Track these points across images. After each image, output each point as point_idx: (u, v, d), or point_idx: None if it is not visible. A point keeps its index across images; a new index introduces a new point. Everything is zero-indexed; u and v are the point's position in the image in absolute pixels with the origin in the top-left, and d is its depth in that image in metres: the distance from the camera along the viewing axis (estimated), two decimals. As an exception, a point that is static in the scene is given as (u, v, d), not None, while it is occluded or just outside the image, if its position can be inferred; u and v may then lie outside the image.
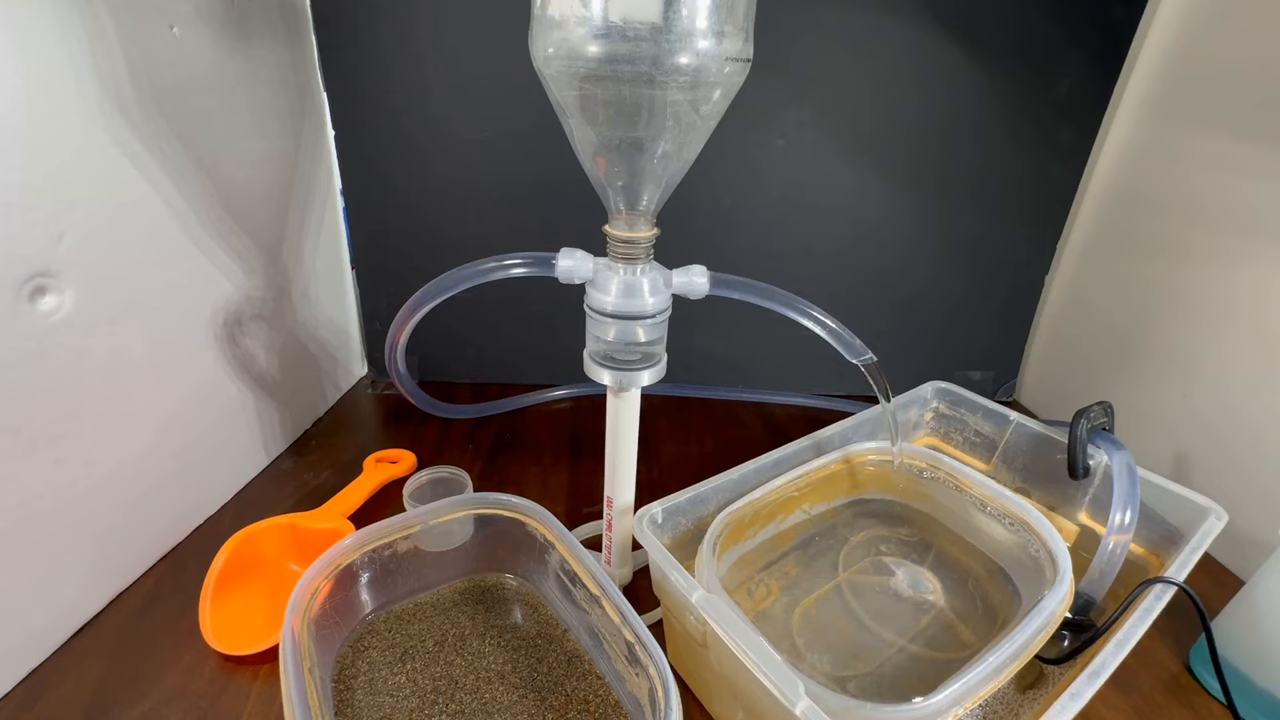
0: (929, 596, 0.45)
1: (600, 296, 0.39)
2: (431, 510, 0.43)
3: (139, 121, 0.44)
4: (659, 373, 0.41)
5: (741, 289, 0.41)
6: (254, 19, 0.54)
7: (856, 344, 0.42)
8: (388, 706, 0.38)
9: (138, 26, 0.43)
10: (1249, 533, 0.51)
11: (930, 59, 0.62)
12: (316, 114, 0.64)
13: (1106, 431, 0.49)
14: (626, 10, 0.31)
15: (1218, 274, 0.55)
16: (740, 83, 0.35)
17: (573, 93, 0.34)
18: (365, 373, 0.78)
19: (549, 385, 0.74)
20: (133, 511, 0.47)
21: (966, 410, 0.57)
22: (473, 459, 0.63)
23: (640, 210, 0.38)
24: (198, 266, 0.51)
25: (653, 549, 0.37)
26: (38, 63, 0.38)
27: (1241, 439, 0.53)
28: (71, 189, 0.40)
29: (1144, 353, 0.62)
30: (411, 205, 0.67)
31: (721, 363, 0.75)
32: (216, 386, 0.54)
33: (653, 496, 0.41)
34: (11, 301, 0.37)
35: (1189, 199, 0.58)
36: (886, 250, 0.70)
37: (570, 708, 0.38)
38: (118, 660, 0.42)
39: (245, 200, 0.54)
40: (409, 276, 0.45)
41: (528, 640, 0.43)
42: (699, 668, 0.40)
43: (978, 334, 0.75)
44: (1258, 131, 0.52)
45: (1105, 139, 0.66)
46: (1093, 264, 0.69)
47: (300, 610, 0.36)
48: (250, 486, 0.58)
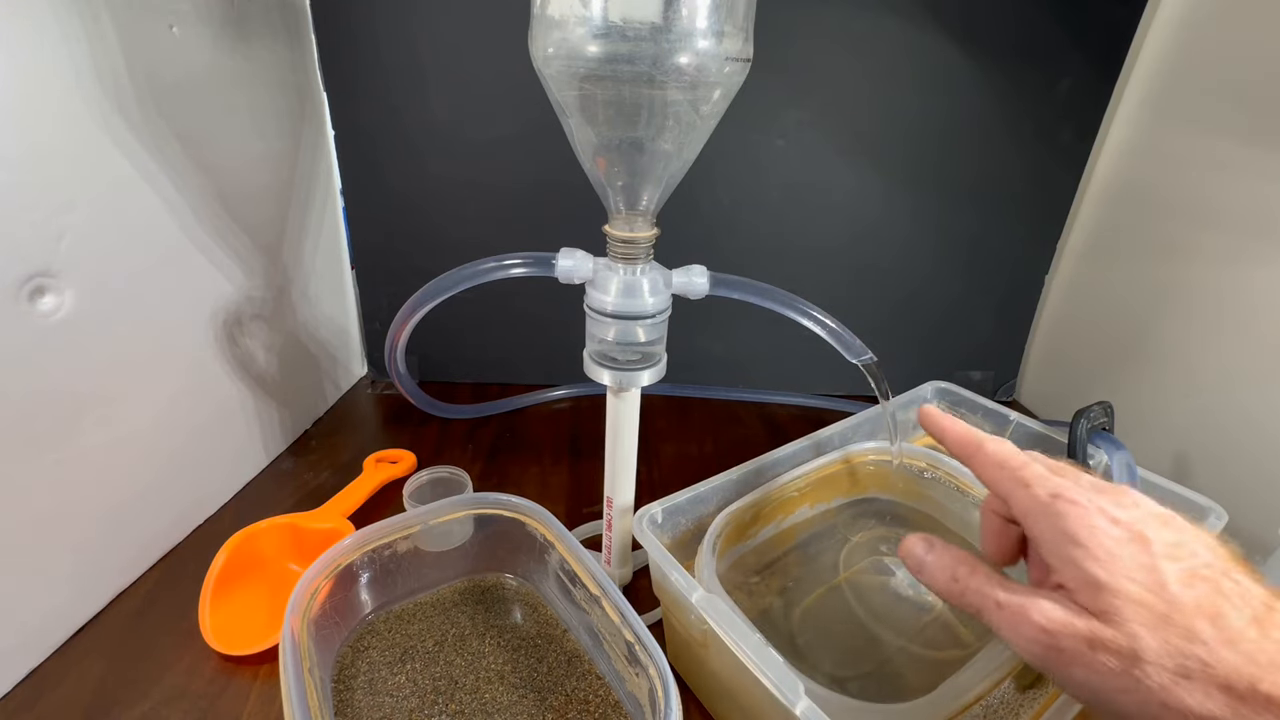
0: (929, 597, 0.45)
1: (600, 296, 0.39)
2: (431, 510, 0.43)
3: (138, 121, 0.44)
4: (659, 373, 0.41)
5: (741, 289, 0.41)
6: (254, 19, 0.54)
7: (856, 344, 0.42)
8: (388, 706, 0.38)
9: (138, 26, 0.43)
10: (1249, 533, 0.51)
11: (930, 59, 0.62)
12: (316, 114, 0.63)
13: (1106, 431, 0.49)
14: (626, 10, 0.31)
15: (1218, 274, 0.55)
16: (740, 83, 0.35)
17: (572, 93, 0.34)
18: (365, 373, 0.78)
19: (549, 385, 0.74)
20: (132, 511, 0.47)
21: (966, 410, 0.57)
22: (473, 459, 0.63)
23: (640, 210, 0.38)
24: (197, 266, 0.51)
25: (653, 549, 0.37)
26: (37, 62, 0.38)
27: (1241, 439, 0.53)
28: (71, 189, 0.40)
29: (1144, 353, 0.62)
30: (411, 205, 0.67)
31: (721, 363, 0.75)
32: (216, 386, 0.54)
33: (653, 496, 0.41)
34: (11, 301, 0.37)
35: (1189, 199, 0.58)
36: (886, 250, 0.70)
37: (570, 708, 0.38)
38: (118, 660, 0.42)
39: (245, 200, 0.54)
40: (409, 276, 0.45)
41: (528, 640, 0.43)
42: (699, 668, 0.40)
43: (977, 334, 0.75)
44: (1258, 131, 0.52)
45: (1105, 139, 0.66)
46: (1093, 264, 0.69)
47: (300, 610, 0.36)
48: (250, 486, 0.58)
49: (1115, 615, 0.23)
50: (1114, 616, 0.23)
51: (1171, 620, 0.22)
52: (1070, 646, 0.23)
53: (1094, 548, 0.24)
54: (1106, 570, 0.23)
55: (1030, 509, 0.27)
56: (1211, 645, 0.21)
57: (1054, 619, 0.24)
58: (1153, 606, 0.22)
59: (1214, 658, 0.21)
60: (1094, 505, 0.25)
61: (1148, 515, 0.25)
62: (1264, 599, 0.23)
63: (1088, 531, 0.24)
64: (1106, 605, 0.23)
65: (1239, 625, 0.22)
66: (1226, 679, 0.21)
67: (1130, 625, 0.22)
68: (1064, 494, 0.26)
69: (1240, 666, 0.21)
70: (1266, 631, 0.22)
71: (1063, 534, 0.25)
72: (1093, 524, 0.24)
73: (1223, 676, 0.21)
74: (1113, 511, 0.25)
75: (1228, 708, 0.21)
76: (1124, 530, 0.24)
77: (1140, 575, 0.23)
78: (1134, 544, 0.24)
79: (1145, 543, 0.24)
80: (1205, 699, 0.21)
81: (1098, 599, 0.23)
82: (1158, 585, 0.23)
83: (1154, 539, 0.24)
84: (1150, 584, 0.23)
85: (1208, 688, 0.21)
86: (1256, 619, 0.22)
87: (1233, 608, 0.22)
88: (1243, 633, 0.22)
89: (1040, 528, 0.26)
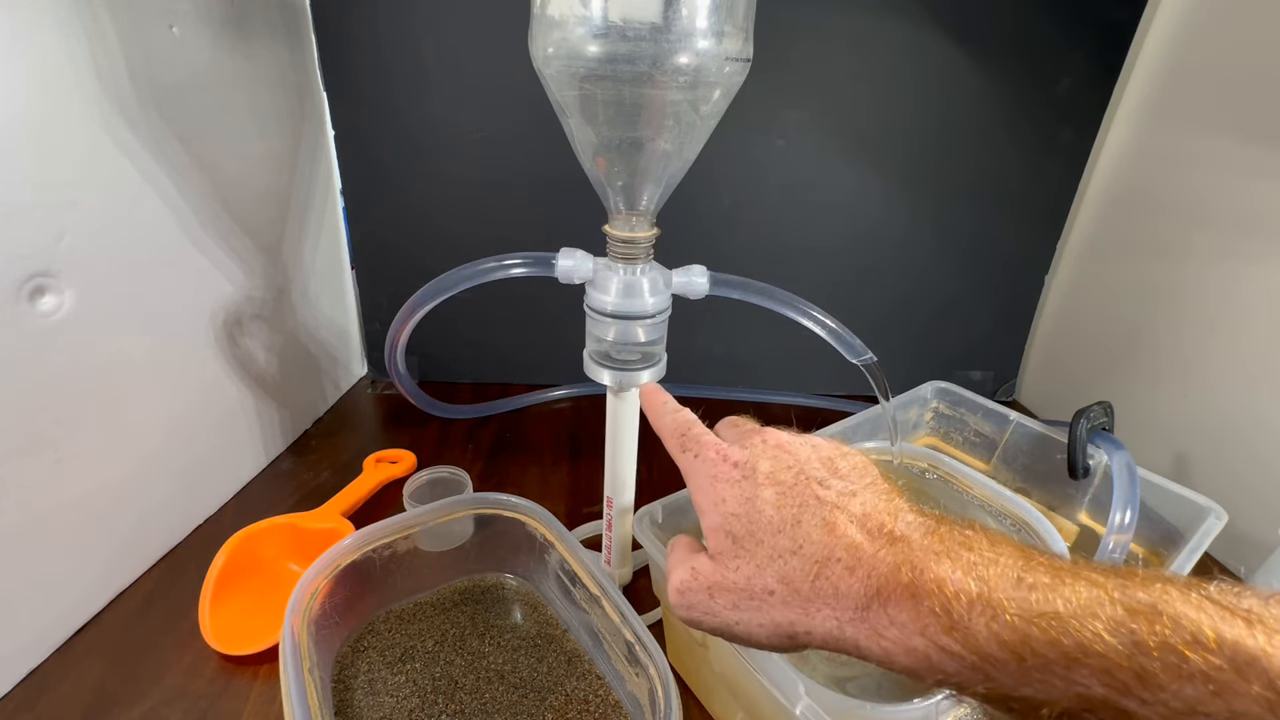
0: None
1: (600, 296, 0.39)
2: (431, 510, 0.43)
3: (139, 121, 0.44)
4: (659, 373, 0.41)
5: (741, 289, 0.41)
6: (254, 19, 0.54)
7: (856, 344, 0.42)
8: (388, 706, 0.38)
9: (138, 26, 0.43)
10: (1249, 533, 0.51)
11: (930, 59, 0.62)
12: (316, 114, 0.63)
13: (1106, 431, 0.49)
14: (626, 10, 0.31)
15: (1218, 274, 0.55)
16: (740, 83, 0.35)
17: (572, 92, 0.34)
18: (365, 373, 0.78)
19: (549, 385, 0.74)
20: (132, 511, 0.47)
21: (966, 410, 0.57)
22: (473, 459, 0.63)
23: (640, 210, 0.38)
24: (198, 266, 0.51)
25: (653, 549, 0.37)
26: (38, 63, 0.38)
27: (1241, 439, 0.53)
28: (71, 189, 0.40)
29: (1144, 353, 0.62)
30: (411, 205, 0.67)
31: (721, 363, 0.75)
32: (216, 386, 0.54)
33: (653, 496, 0.41)
34: (11, 301, 0.37)
35: (1189, 199, 0.58)
36: (886, 250, 0.70)
37: (570, 708, 0.38)
38: (118, 660, 0.42)
39: (245, 200, 0.54)
40: (409, 276, 0.45)
41: (528, 640, 0.43)
42: (699, 668, 0.40)
43: (977, 334, 0.75)
44: (1258, 131, 0.52)
45: (1105, 139, 0.66)
46: (1093, 264, 0.69)
47: (300, 610, 0.36)
48: (250, 486, 0.58)
49: (724, 555, 0.25)
50: (723, 557, 0.25)
51: (761, 544, 0.24)
52: (697, 601, 0.25)
53: (714, 494, 0.26)
54: (719, 513, 0.25)
55: (685, 471, 0.28)
56: (784, 557, 0.23)
57: (683, 580, 0.26)
58: (747, 536, 0.24)
59: (786, 568, 0.23)
60: (720, 454, 0.27)
61: (768, 448, 0.26)
62: (835, 499, 0.24)
63: (710, 480, 0.26)
64: (720, 546, 0.25)
65: (808, 530, 0.23)
66: (795, 584, 0.23)
67: (732, 561, 0.24)
68: (703, 452, 0.27)
69: (803, 569, 0.23)
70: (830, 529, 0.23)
71: (697, 489, 0.27)
72: (715, 472, 0.26)
73: (792, 584, 0.23)
74: (735, 455, 0.26)
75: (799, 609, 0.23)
76: (740, 471, 0.26)
77: (741, 509, 0.25)
78: (744, 481, 0.25)
79: (753, 476, 0.25)
80: (785, 608, 0.23)
81: (716, 543, 0.25)
82: (752, 514, 0.24)
83: (761, 469, 0.25)
84: (746, 515, 0.24)
85: (786, 597, 0.23)
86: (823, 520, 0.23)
87: (808, 513, 0.24)
88: (809, 536, 0.23)
89: (690, 489, 0.28)
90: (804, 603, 0.23)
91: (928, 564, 0.21)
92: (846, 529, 0.23)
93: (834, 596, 0.22)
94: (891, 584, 0.21)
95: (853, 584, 0.22)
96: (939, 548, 0.21)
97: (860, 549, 0.22)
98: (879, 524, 0.23)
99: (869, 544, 0.22)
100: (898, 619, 0.21)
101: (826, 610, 0.22)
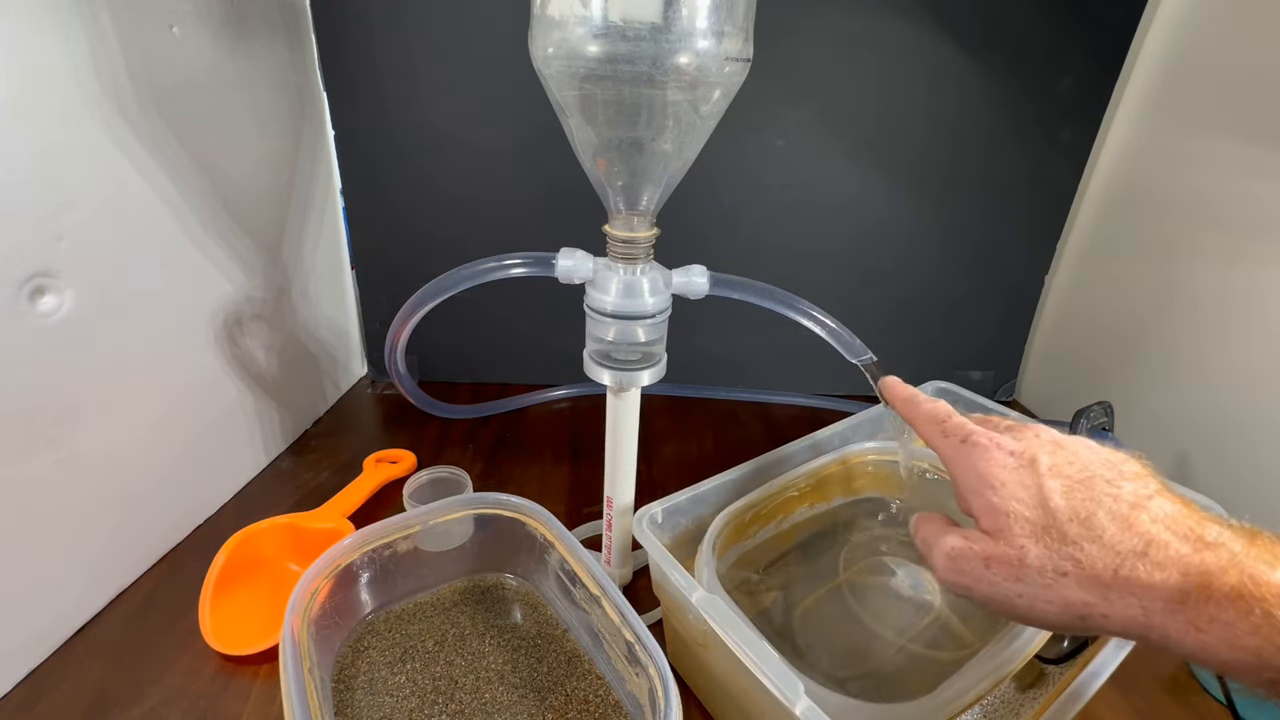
0: (929, 597, 0.45)
1: (600, 296, 0.39)
2: (431, 510, 0.43)
3: (139, 121, 0.44)
4: (659, 373, 0.41)
5: (741, 289, 0.41)
6: (254, 19, 0.54)
7: (856, 344, 0.42)
8: (388, 706, 0.38)
9: (138, 26, 0.43)
10: (1249, 533, 0.51)
11: (930, 59, 0.62)
12: (316, 114, 0.64)
13: (1106, 431, 0.49)
14: (626, 10, 0.31)
15: (1218, 274, 0.55)
16: (740, 83, 0.35)
17: (572, 93, 0.34)
18: (365, 373, 0.78)
19: (549, 385, 0.74)
20: (132, 511, 0.47)
21: (966, 410, 0.57)
22: (473, 459, 0.63)
23: (640, 210, 0.38)
24: (198, 266, 0.51)
25: (653, 549, 0.37)
26: (38, 62, 0.38)
27: (1242, 439, 0.53)
28: (71, 189, 0.40)
29: (1144, 353, 0.62)
30: (412, 205, 0.67)
31: (721, 363, 0.75)
32: (216, 386, 0.54)
33: (653, 496, 0.41)
34: (11, 301, 0.37)
35: (1189, 199, 0.58)
36: (886, 250, 0.70)
37: (570, 708, 0.38)
38: (118, 660, 0.42)
39: (245, 200, 0.54)
40: (409, 276, 0.45)
41: (528, 640, 0.43)
42: (699, 668, 0.40)
43: (978, 334, 0.75)
44: (1258, 131, 0.52)
45: (1105, 139, 0.66)
46: (1093, 264, 0.69)
47: (300, 610, 0.36)
48: (250, 486, 0.58)
49: (1005, 532, 0.27)
50: (1004, 534, 0.27)
51: (1050, 529, 0.26)
52: (970, 568, 0.27)
53: (990, 478, 0.28)
54: (998, 495, 0.27)
55: (947, 455, 0.31)
56: (1080, 544, 0.25)
57: (955, 546, 0.28)
58: (1034, 519, 0.26)
59: (1082, 554, 0.25)
60: (994, 443, 0.29)
61: (1043, 442, 0.29)
62: (1131, 499, 0.26)
63: (985, 464, 0.28)
64: (1000, 525, 0.27)
65: (1104, 522, 0.25)
66: (1094, 570, 0.25)
67: (1017, 539, 0.26)
68: (971, 438, 0.30)
69: (1103, 558, 0.25)
70: (1129, 526, 0.25)
71: (967, 471, 0.29)
72: (989, 458, 0.28)
73: (1090, 569, 0.25)
74: (1010, 445, 0.29)
75: (1097, 594, 0.25)
76: (1016, 459, 0.28)
77: (1025, 494, 0.27)
78: (1023, 469, 0.28)
79: (1034, 466, 0.27)
80: (1080, 590, 0.25)
81: (994, 521, 0.27)
82: (1040, 501, 0.26)
83: (1043, 461, 0.27)
84: (1033, 500, 0.27)
85: (1081, 580, 0.25)
86: (1120, 516, 0.25)
87: (1103, 509, 0.26)
88: (1105, 528, 0.25)
89: (954, 470, 0.30)
90: (1103, 589, 0.24)
91: (1258, 570, 0.22)
92: (1150, 528, 0.25)
93: (1141, 587, 0.24)
94: (1217, 584, 0.23)
95: (1166, 579, 0.23)
96: (1268, 558, 0.23)
97: (1169, 547, 0.24)
98: (1188, 528, 0.25)
99: (1180, 544, 0.24)
100: (1221, 617, 0.22)
101: (1131, 599, 0.24)
